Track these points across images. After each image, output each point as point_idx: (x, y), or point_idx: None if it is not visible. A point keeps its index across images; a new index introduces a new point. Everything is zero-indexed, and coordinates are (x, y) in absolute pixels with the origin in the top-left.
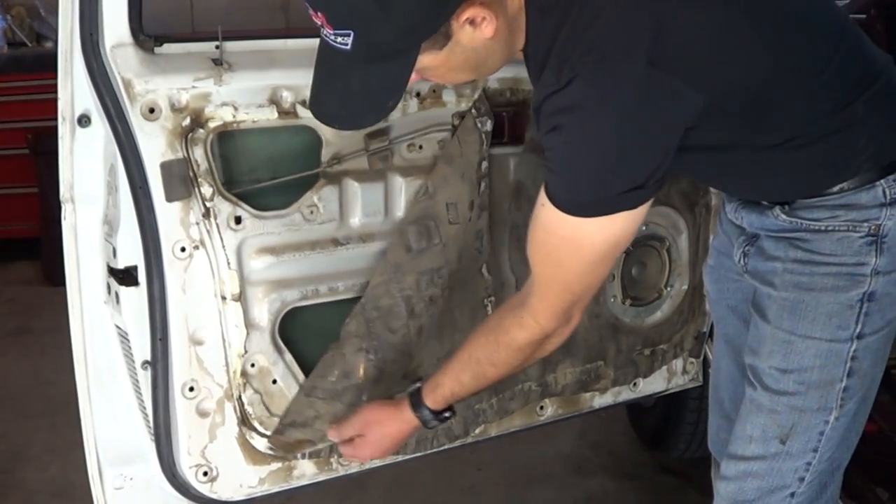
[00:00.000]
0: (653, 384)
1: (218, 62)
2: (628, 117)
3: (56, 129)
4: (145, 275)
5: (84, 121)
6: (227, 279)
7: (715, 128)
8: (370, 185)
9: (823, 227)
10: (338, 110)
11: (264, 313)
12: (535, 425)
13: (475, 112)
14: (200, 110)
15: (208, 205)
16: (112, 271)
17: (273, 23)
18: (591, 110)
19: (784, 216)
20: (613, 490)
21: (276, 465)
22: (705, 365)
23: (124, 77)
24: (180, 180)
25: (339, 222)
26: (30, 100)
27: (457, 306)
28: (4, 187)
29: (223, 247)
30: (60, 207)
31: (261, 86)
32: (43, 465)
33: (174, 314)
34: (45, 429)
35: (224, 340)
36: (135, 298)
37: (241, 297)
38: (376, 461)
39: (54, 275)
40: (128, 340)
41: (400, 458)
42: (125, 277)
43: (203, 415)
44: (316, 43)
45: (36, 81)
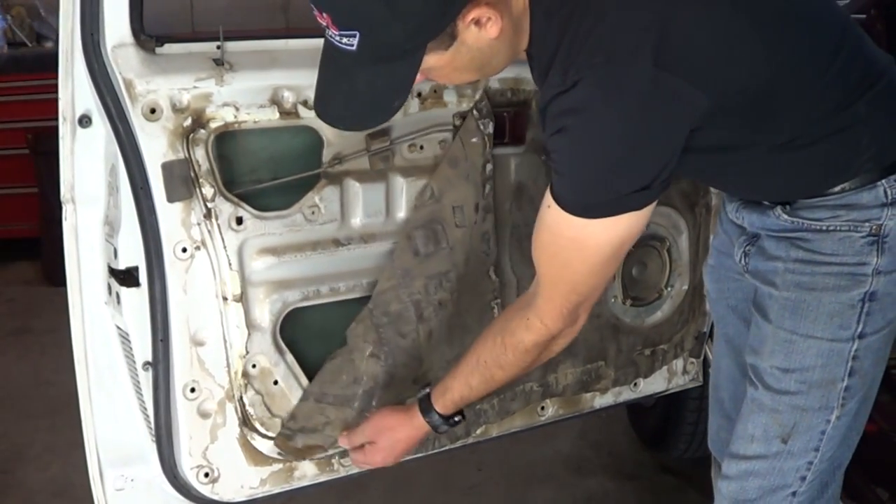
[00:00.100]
0: (653, 384)
1: (219, 62)
2: (634, 118)
3: (56, 129)
4: (146, 275)
5: (85, 121)
6: (228, 280)
7: (718, 129)
8: (371, 186)
9: (825, 227)
10: (343, 111)
11: (266, 314)
12: (535, 425)
13: (477, 114)
14: (202, 110)
15: (209, 205)
16: (113, 272)
17: (273, 23)
18: (598, 111)
19: (785, 216)
20: (613, 490)
21: (277, 465)
22: (705, 365)
23: (125, 77)
24: (181, 181)
25: (341, 223)
26: (30, 100)
27: (465, 309)
28: (4, 187)
29: (224, 247)
30: (61, 208)
31: (262, 86)
32: (43, 465)
33: (175, 315)
34: (46, 429)
35: (225, 341)
36: (136, 299)
37: (242, 298)
38: None
39: (54, 275)
40: (129, 341)
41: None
42: (126, 278)
43: (204, 416)
44: (317, 43)
45: (36, 81)
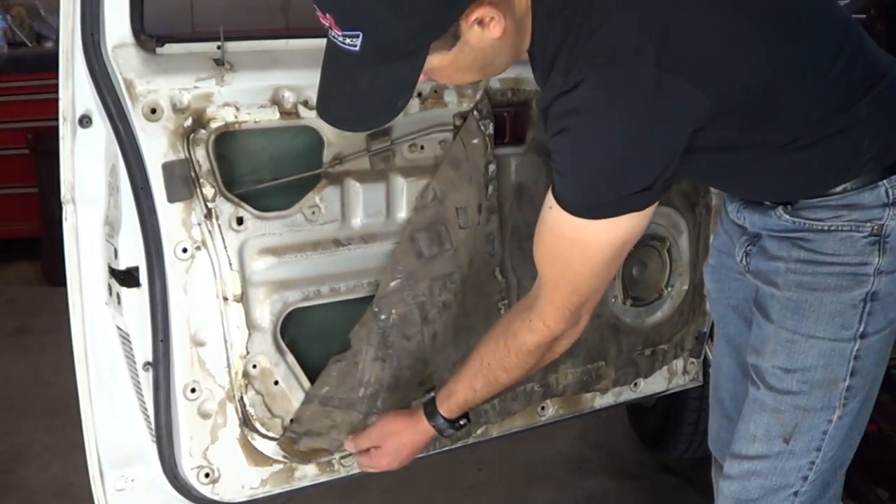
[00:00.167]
0: (653, 384)
1: (220, 62)
2: (637, 119)
3: (56, 129)
4: (147, 276)
5: (85, 121)
6: (228, 280)
7: (720, 129)
8: (372, 186)
9: (826, 227)
10: (346, 112)
11: (266, 314)
12: (536, 426)
13: (477, 114)
14: (202, 111)
15: (210, 205)
16: (113, 272)
17: (273, 23)
18: (600, 112)
19: (787, 216)
20: (613, 490)
21: (277, 466)
22: (705, 365)
23: (126, 77)
24: (182, 181)
25: (341, 223)
26: (30, 100)
27: (471, 311)
28: (4, 187)
29: (225, 247)
30: (61, 208)
31: (262, 86)
32: (44, 465)
33: (176, 315)
34: (46, 429)
35: (226, 341)
36: (136, 299)
37: (242, 298)
38: None
39: (54, 275)
40: (129, 341)
41: None
42: (126, 278)
43: (205, 416)
44: (318, 43)
45: (36, 81)
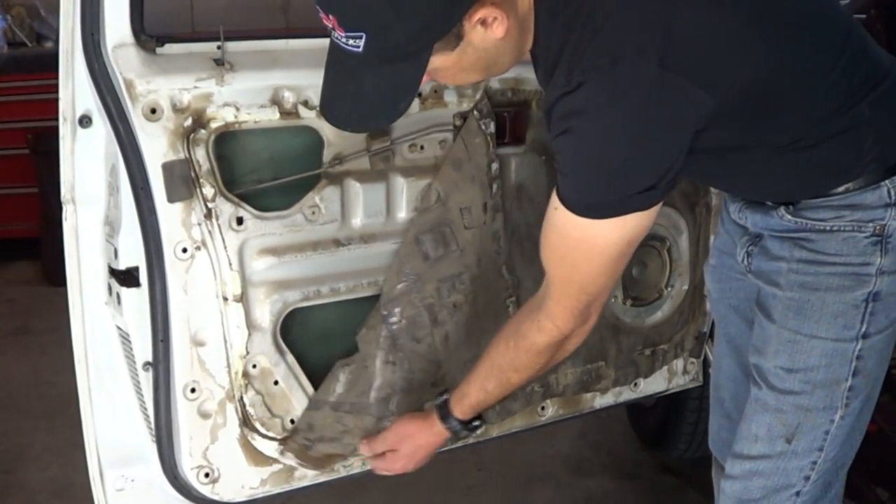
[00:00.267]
0: (653, 384)
1: (220, 62)
2: (640, 119)
3: (56, 129)
4: (147, 276)
5: (85, 121)
6: (228, 280)
7: (722, 129)
8: (372, 186)
9: (828, 228)
10: (349, 113)
11: (266, 314)
12: (535, 426)
13: (478, 114)
14: (202, 111)
15: (210, 205)
16: (113, 272)
17: (273, 23)
18: (603, 113)
19: (789, 216)
20: (613, 490)
21: (277, 466)
22: (705, 365)
23: (126, 77)
24: (182, 181)
25: (341, 223)
26: (30, 100)
27: (482, 310)
28: (4, 187)
29: (225, 247)
30: (61, 208)
31: (262, 86)
32: (44, 465)
33: (176, 315)
34: (46, 429)
35: (226, 341)
36: (136, 299)
37: (242, 298)
38: None
39: (54, 275)
40: (129, 341)
41: None
42: (126, 278)
43: (204, 416)
44: (318, 43)
45: (36, 81)
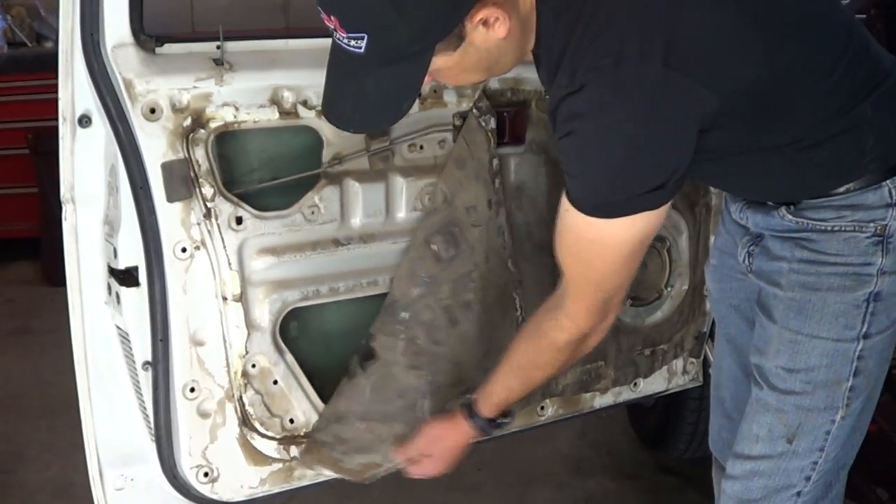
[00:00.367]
0: (653, 384)
1: (219, 62)
2: (643, 119)
3: (56, 129)
4: (146, 275)
5: (85, 121)
6: (228, 280)
7: (726, 130)
8: (371, 186)
9: (830, 228)
10: (352, 114)
11: (265, 314)
12: (535, 425)
13: (477, 112)
14: (201, 110)
15: (209, 205)
16: (113, 272)
17: (273, 23)
18: (607, 114)
19: (790, 216)
20: (613, 490)
21: (276, 465)
22: (705, 365)
23: (125, 77)
24: (181, 181)
25: (340, 223)
26: (30, 100)
27: (491, 305)
28: (4, 187)
29: (224, 247)
30: (61, 207)
31: (262, 86)
32: (43, 465)
33: (175, 315)
34: (46, 429)
35: (225, 341)
36: (135, 299)
37: (242, 298)
38: None
39: (54, 275)
40: (128, 341)
41: None
42: (126, 278)
43: (204, 415)
44: (317, 43)
45: (36, 81)
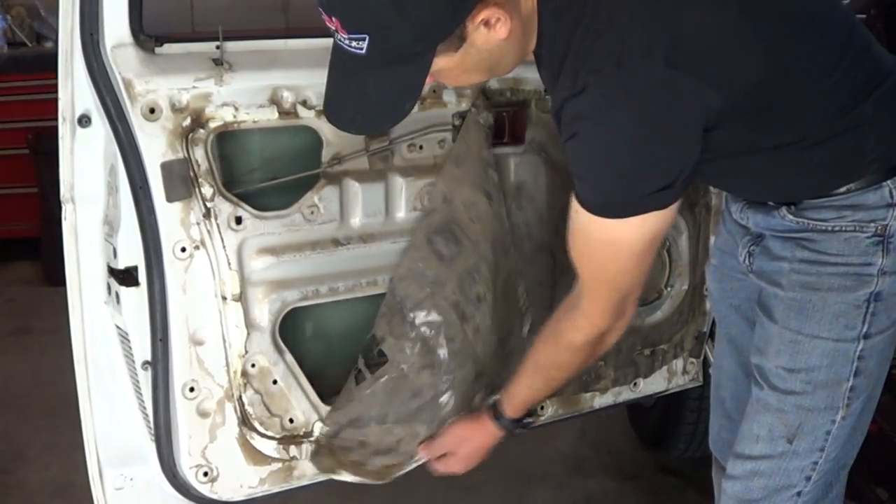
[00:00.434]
0: (653, 384)
1: (218, 62)
2: (648, 120)
3: (56, 129)
4: (146, 275)
5: (84, 121)
6: (227, 279)
7: (726, 130)
8: (371, 186)
9: (830, 228)
10: (353, 115)
11: (265, 313)
12: (535, 426)
13: (475, 110)
14: (201, 110)
15: (209, 205)
16: (112, 271)
17: (273, 23)
18: (610, 115)
19: (791, 216)
20: (613, 490)
21: (276, 465)
22: (705, 365)
23: (125, 77)
24: (181, 180)
25: (340, 222)
26: (30, 100)
27: (500, 294)
28: (4, 187)
29: (224, 247)
30: (60, 207)
31: (261, 86)
32: (43, 465)
33: (174, 314)
34: (46, 429)
35: (224, 341)
36: (135, 299)
37: (241, 298)
38: None
39: (54, 275)
40: (128, 341)
41: None
42: (125, 278)
43: (203, 415)
44: (317, 43)
45: (36, 81)
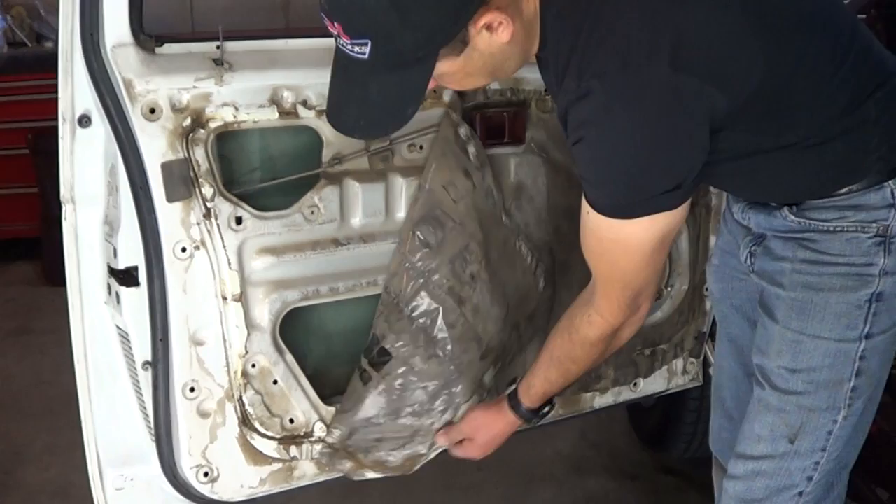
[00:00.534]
0: (653, 384)
1: (219, 62)
2: (654, 122)
3: (56, 129)
4: (146, 275)
5: (84, 121)
6: (227, 279)
7: (732, 131)
8: (371, 186)
9: (832, 228)
10: (356, 120)
11: (265, 314)
12: (535, 425)
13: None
14: (201, 110)
15: (209, 205)
16: (113, 272)
17: (273, 23)
18: (616, 118)
19: (792, 217)
20: (613, 490)
21: (276, 465)
22: (705, 365)
23: (125, 77)
24: (181, 180)
25: (340, 222)
26: (30, 100)
27: (497, 266)
28: (4, 187)
29: (224, 247)
30: (61, 207)
31: (261, 86)
32: (43, 465)
33: (175, 315)
34: (46, 429)
35: (225, 341)
36: (135, 299)
37: (241, 298)
38: None
39: (54, 275)
40: (128, 341)
41: None
42: (126, 278)
43: (204, 415)
44: (317, 43)
45: (36, 81)
